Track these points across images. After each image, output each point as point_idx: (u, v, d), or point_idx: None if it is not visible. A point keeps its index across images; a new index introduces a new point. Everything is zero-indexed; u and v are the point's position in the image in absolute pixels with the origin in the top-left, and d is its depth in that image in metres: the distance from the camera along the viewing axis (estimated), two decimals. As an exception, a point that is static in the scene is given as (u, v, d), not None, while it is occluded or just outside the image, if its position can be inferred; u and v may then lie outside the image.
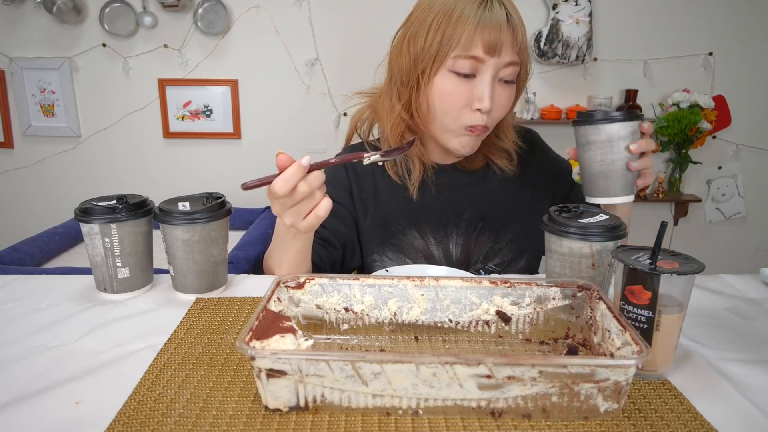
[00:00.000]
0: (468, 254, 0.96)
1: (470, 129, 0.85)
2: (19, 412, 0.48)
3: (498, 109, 0.85)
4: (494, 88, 0.82)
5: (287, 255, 0.80)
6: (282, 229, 0.77)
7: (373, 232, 0.96)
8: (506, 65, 0.82)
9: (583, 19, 2.48)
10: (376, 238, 0.96)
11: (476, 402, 0.47)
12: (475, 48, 0.79)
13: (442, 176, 0.97)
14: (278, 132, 2.67)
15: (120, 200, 0.71)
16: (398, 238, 0.95)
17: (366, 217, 0.97)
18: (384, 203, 0.96)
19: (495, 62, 0.81)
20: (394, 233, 0.96)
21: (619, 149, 0.77)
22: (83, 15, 2.50)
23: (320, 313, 0.62)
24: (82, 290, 0.76)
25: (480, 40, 0.79)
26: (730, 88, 2.60)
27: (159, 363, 0.56)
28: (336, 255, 0.94)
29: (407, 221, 0.95)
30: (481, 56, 0.80)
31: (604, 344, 0.54)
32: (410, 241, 0.95)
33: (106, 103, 2.62)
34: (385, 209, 0.96)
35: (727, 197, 2.76)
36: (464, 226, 0.96)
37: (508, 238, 0.97)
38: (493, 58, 0.80)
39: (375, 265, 0.96)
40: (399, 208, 0.96)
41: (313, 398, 0.47)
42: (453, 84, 0.82)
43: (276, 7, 2.51)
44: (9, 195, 2.74)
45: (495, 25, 0.79)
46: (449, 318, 0.62)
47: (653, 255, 0.53)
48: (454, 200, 0.97)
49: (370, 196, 0.97)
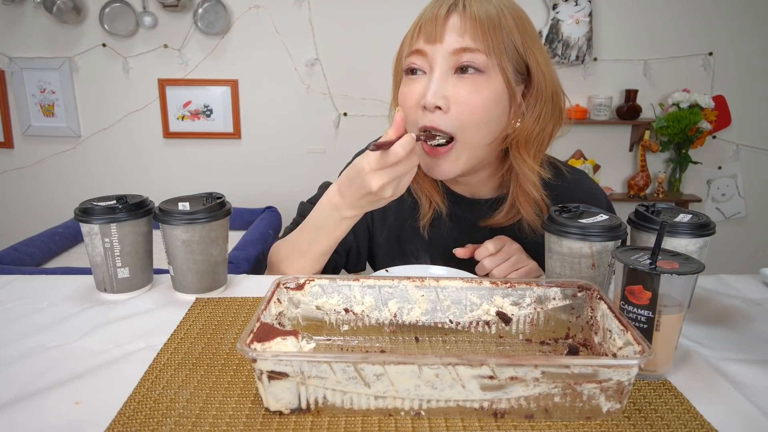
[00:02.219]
0: None
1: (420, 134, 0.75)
2: (19, 412, 0.48)
3: (460, 106, 0.74)
4: (444, 82, 0.75)
5: (319, 245, 0.79)
6: (327, 214, 0.77)
7: (387, 246, 0.95)
8: (457, 52, 0.74)
9: (583, 19, 2.48)
10: (390, 253, 0.95)
11: (479, 403, 0.47)
12: (416, 42, 0.77)
13: (468, 211, 0.89)
14: (278, 132, 2.67)
15: (120, 200, 0.71)
16: (410, 261, 0.93)
17: (383, 231, 0.95)
18: (402, 221, 0.94)
19: (440, 50, 0.74)
20: (406, 254, 0.94)
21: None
22: (83, 15, 2.50)
23: (320, 315, 0.62)
24: (82, 290, 0.76)
25: (420, 33, 0.76)
26: (730, 88, 2.60)
27: (159, 363, 0.56)
28: (339, 261, 0.94)
29: (422, 245, 0.93)
30: (422, 47, 0.76)
31: (605, 344, 0.54)
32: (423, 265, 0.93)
33: (106, 103, 2.62)
34: (403, 227, 0.94)
35: (727, 197, 2.76)
36: None
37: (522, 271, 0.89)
38: (436, 46, 0.74)
39: None
40: (414, 234, 0.93)
41: (315, 400, 0.47)
42: (406, 84, 0.80)
43: (276, 7, 2.51)
44: (9, 195, 2.74)
45: (433, 16, 0.75)
46: (450, 319, 0.62)
47: (653, 255, 0.53)
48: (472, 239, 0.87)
49: (391, 211, 0.94)
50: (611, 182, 2.75)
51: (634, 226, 0.70)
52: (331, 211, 0.76)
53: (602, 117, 2.56)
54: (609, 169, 2.72)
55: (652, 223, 0.67)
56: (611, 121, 2.57)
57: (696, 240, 0.66)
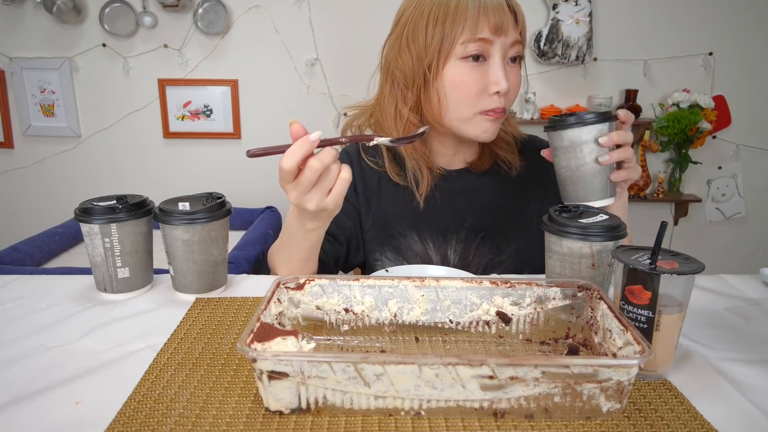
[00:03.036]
0: (466, 262, 0.95)
1: (489, 113, 0.85)
2: (19, 412, 0.48)
3: (513, 89, 0.86)
4: (506, 69, 0.84)
5: (297, 252, 0.80)
6: (294, 226, 0.76)
7: (373, 231, 0.96)
8: (512, 44, 0.84)
9: (583, 19, 2.48)
10: (376, 238, 0.96)
11: (479, 403, 0.47)
12: (482, 31, 0.81)
13: (448, 182, 0.97)
14: (278, 132, 2.66)
15: (120, 200, 0.71)
16: (398, 240, 0.95)
17: (368, 216, 0.97)
18: (386, 203, 0.96)
19: (502, 42, 0.82)
20: (393, 234, 0.96)
21: (584, 154, 0.76)
22: (83, 15, 2.50)
23: (320, 315, 0.62)
24: (82, 290, 0.76)
25: (486, 23, 0.81)
26: (730, 88, 2.60)
27: (159, 363, 0.56)
28: (341, 250, 0.95)
29: (408, 224, 0.95)
30: (489, 37, 0.81)
31: (605, 344, 0.54)
32: (409, 244, 0.95)
33: (106, 103, 2.62)
34: (387, 209, 0.96)
35: (727, 197, 2.76)
36: (464, 233, 0.95)
37: (510, 251, 0.96)
38: (500, 38, 0.82)
39: (376, 264, 0.96)
40: (401, 211, 0.96)
41: (315, 400, 0.47)
42: (466, 71, 0.83)
43: (276, 7, 2.51)
44: (9, 195, 2.74)
45: (497, 7, 0.81)
46: (449, 318, 0.62)
47: (653, 255, 0.53)
48: (457, 206, 0.96)
49: (373, 195, 0.97)
50: (611, 182, 2.75)
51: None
52: (296, 224, 0.76)
53: (602, 117, 2.56)
54: (609, 169, 2.72)
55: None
56: (611, 121, 2.57)
57: (590, 128, 0.74)
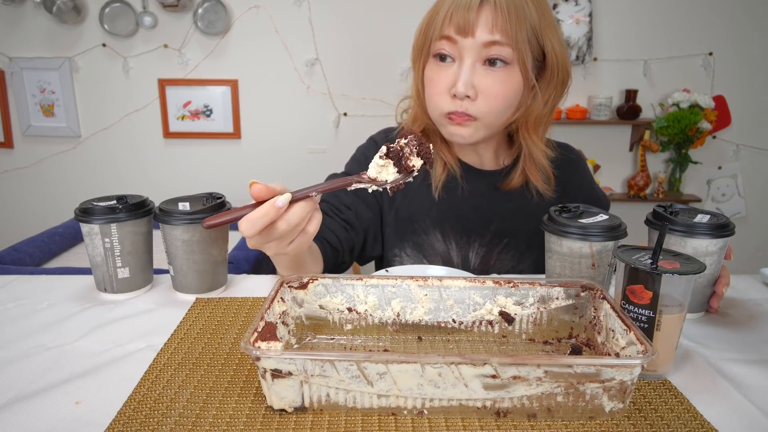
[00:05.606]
0: (487, 267, 0.94)
1: (449, 116, 0.82)
2: (19, 412, 0.48)
3: (486, 96, 0.80)
4: (473, 72, 0.79)
5: (281, 267, 0.77)
6: None
7: (395, 226, 0.95)
8: (487, 45, 0.77)
9: (583, 19, 2.48)
10: (398, 232, 0.94)
11: (481, 402, 0.47)
12: (447, 28, 0.79)
13: (477, 181, 0.94)
14: (278, 132, 2.67)
15: (120, 200, 0.71)
16: (420, 237, 0.94)
17: (391, 209, 0.95)
18: (412, 198, 0.95)
19: (471, 43, 0.78)
20: (416, 231, 0.94)
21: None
22: (83, 15, 2.50)
23: (323, 314, 0.62)
24: (82, 290, 0.76)
25: (450, 21, 0.78)
26: (730, 88, 2.60)
27: (159, 363, 0.56)
28: (357, 240, 0.92)
29: (432, 221, 0.93)
30: (453, 36, 0.78)
31: (608, 344, 0.54)
32: (431, 242, 0.94)
33: (106, 103, 2.62)
34: (412, 204, 0.94)
35: (727, 197, 2.76)
36: (489, 237, 0.93)
37: (531, 260, 0.95)
38: (468, 39, 0.78)
39: (395, 260, 0.95)
40: (426, 206, 0.94)
41: (318, 398, 0.47)
42: (434, 70, 0.83)
43: (276, 7, 2.51)
44: (9, 195, 2.74)
45: (465, 5, 0.77)
46: (453, 318, 0.62)
47: (654, 255, 0.53)
48: (484, 209, 0.94)
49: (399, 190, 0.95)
50: (611, 182, 2.75)
51: (652, 227, 0.69)
52: None
53: (602, 117, 2.56)
54: (609, 169, 2.72)
55: (670, 224, 0.66)
56: (611, 121, 2.57)
57: (716, 241, 0.64)
